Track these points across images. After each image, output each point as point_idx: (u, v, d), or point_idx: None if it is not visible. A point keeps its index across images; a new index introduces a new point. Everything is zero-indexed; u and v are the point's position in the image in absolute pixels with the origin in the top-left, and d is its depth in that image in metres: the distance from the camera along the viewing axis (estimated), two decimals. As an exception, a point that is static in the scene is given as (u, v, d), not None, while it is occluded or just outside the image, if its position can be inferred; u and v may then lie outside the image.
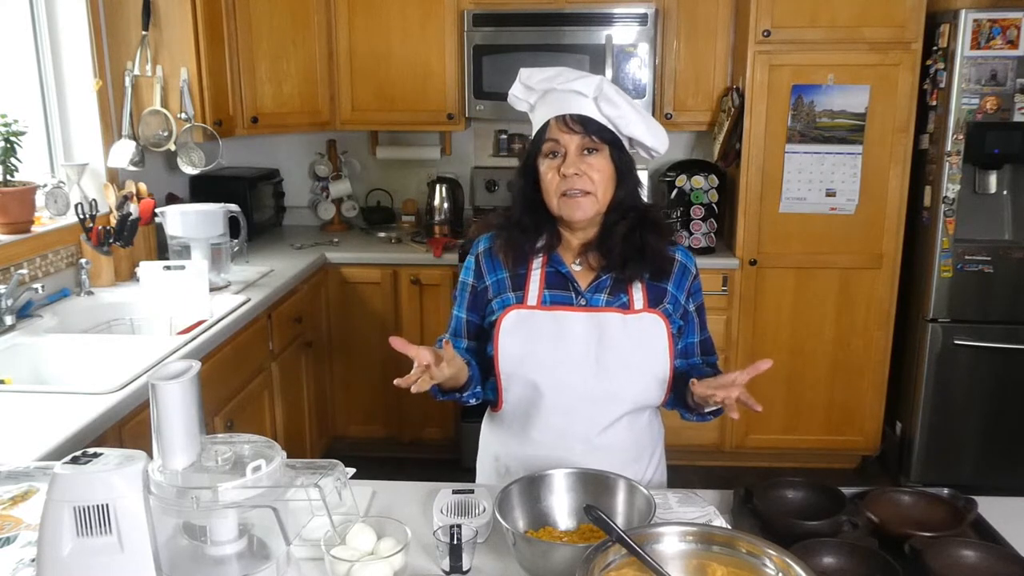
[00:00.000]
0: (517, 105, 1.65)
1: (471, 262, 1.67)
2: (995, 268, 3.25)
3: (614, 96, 1.53)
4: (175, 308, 2.64)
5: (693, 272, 1.65)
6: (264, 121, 3.49)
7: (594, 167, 1.53)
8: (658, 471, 1.71)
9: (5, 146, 2.53)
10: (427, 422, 3.60)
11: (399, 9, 3.55)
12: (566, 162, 1.52)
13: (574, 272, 1.60)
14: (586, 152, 1.53)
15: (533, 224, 1.59)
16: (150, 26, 3.02)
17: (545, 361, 1.55)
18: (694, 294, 1.65)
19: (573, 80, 1.54)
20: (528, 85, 1.60)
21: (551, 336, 1.55)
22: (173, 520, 1.07)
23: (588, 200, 1.53)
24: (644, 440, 1.65)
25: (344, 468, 1.14)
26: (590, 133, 1.52)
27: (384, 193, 4.09)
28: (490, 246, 1.65)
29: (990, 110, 3.14)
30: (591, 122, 1.52)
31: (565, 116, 1.52)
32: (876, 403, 3.53)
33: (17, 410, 1.83)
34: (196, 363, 1.06)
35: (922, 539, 1.27)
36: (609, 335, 1.54)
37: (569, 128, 1.52)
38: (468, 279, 1.67)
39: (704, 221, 3.49)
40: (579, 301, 1.57)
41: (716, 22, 3.50)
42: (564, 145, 1.53)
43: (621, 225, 1.56)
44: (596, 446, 1.57)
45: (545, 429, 1.58)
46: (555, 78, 1.56)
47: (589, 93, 1.52)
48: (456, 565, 1.24)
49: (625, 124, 1.55)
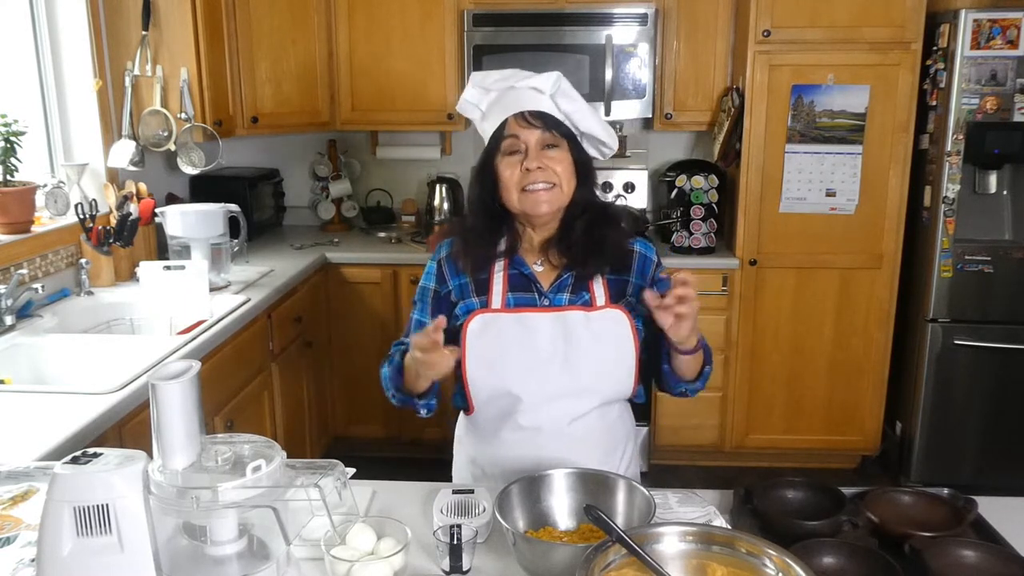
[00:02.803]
0: (468, 112, 1.65)
1: (432, 267, 1.68)
2: (995, 268, 3.25)
3: (570, 91, 1.56)
4: (175, 308, 2.64)
5: (655, 260, 1.66)
6: (264, 121, 3.48)
7: (556, 160, 1.55)
8: (632, 466, 1.72)
9: (5, 146, 2.53)
10: (427, 422, 3.56)
11: (399, 9, 3.55)
12: (528, 157, 1.54)
13: (536, 273, 1.61)
14: (546, 148, 1.55)
15: (489, 229, 1.61)
16: (150, 26, 3.02)
17: (513, 363, 1.56)
18: (659, 282, 1.64)
19: (529, 77, 1.56)
20: (483, 87, 1.61)
21: (518, 338, 1.56)
22: (173, 520, 1.07)
23: (553, 193, 1.54)
24: (616, 434, 1.67)
25: (344, 468, 1.14)
26: (550, 128, 1.54)
27: (384, 193, 4.09)
28: (451, 251, 1.66)
29: (990, 110, 3.14)
30: (550, 118, 1.54)
31: (524, 112, 1.54)
32: (876, 403, 3.53)
33: (17, 410, 1.83)
34: (196, 363, 1.06)
35: (922, 539, 1.27)
36: (574, 333, 1.56)
37: (529, 123, 1.54)
38: (430, 284, 1.68)
39: (704, 221, 3.49)
40: (542, 301, 1.59)
41: (716, 22, 3.50)
42: (524, 140, 1.54)
43: (581, 221, 1.58)
44: (568, 441, 1.58)
45: (517, 429, 1.60)
46: (511, 77, 1.59)
47: (547, 90, 1.54)
48: (456, 565, 1.24)
49: (581, 118, 1.58)
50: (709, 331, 3.51)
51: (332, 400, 3.63)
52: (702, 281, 3.40)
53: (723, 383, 3.53)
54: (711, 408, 3.56)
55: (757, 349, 3.50)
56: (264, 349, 2.87)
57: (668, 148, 3.90)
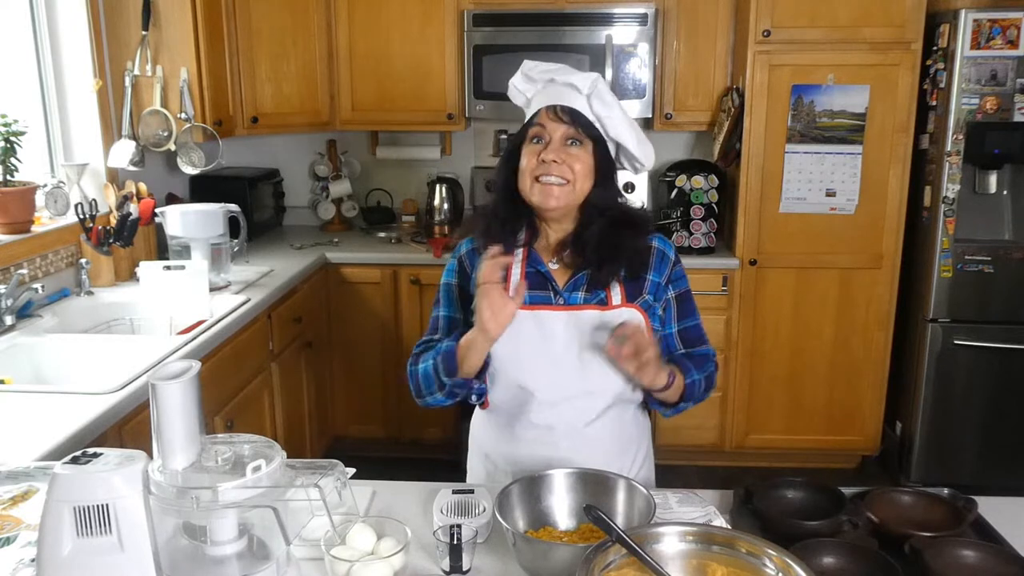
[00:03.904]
0: (515, 98, 1.66)
1: (454, 264, 1.70)
2: (995, 268, 3.25)
3: (607, 96, 1.56)
4: (175, 308, 2.64)
5: (672, 258, 1.66)
6: (264, 121, 3.49)
7: (576, 158, 1.55)
8: (644, 467, 1.73)
9: (5, 146, 2.53)
10: (427, 422, 3.59)
11: (399, 9, 3.55)
12: (548, 148, 1.54)
13: (552, 271, 1.61)
14: (570, 143, 1.55)
15: (512, 214, 1.61)
16: (150, 26, 3.02)
17: (528, 360, 1.58)
18: (675, 281, 1.65)
19: (571, 74, 1.57)
20: (530, 76, 1.62)
21: (533, 335, 1.57)
22: (173, 520, 1.07)
23: (564, 190, 1.54)
24: (629, 435, 1.67)
25: (344, 468, 1.14)
26: (576, 126, 1.54)
27: (384, 193, 4.09)
28: (473, 247, 1.67)
29: (990, 110, 3.14)
30: (580, 116, 1.55)
31: (556, 106, 1.55)
32: (876, 403, 3.53)
33: (17, 410, 1.83)
34: (196, 363, 1.06)
35: (922, 539, 1.27)
36: (589, 332, 1.56)
37: (558, 117, 1.55)
38: (452, 280, 1.69)
39: (704, 221, 3.49)
40: (557, 300, 1.59)
41: (716, 22, 3.50)
42: (550, 132, 1.55)
43: (596, 224, 1.58)
44: (581, 441, 1.59)
45: (530, 426, 1.61)
46: (556, 71, 1.59)
47: (584, 89, 1.55)
48: (456, 565, 1.24)
49: (613, 125, 1.57)
50: (709, 331, 3.45)
51: (332, 400, 3.63)
52: (702, 281, 3.41)
53: (723, 383, 3.53)
54: (711, 408, 3.56)
55: (757, 349, 3.50)
56: (264, 349, 2.87)
57: (668, 148, 3.90)
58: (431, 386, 1.59)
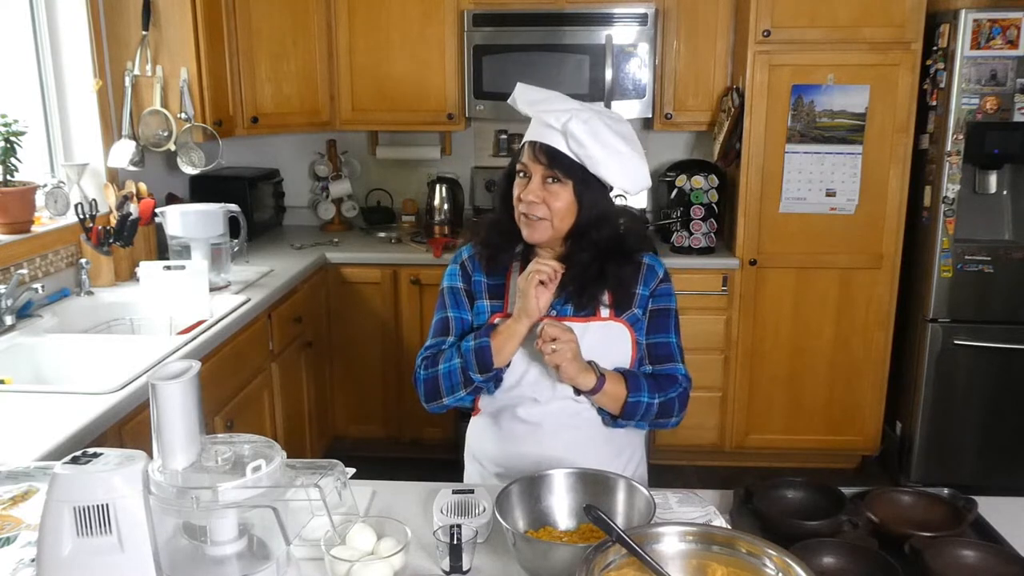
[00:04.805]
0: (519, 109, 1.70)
1: (456, 269, 1.73)
2: (995, 268, 3.25)
3: (581, 136, 1.52)
4: (175, 308, 2.64)
5: (659, 275, 1.68)
6: (264, 121, 3.49)
7: (555, 195, 1.57)
8: (639, 470, 1.75)
9: (5, 146, 2.53)
10: (427, 422, 3.59)
11: (399, 9, 3.55)
12: (527, 188, 1.58)
13: None
14: (550, 180, 1.58)
15: (511, 227, 1.65)
16: (150, 26, 3.02)
17: (518, 366, 1.63)
18: (657, 296, 1.67)
19: (548, 112, 1.56)
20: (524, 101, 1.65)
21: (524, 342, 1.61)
22: (173, 520, 1.07)
23: (543, 225, 1.59)
24: (620, 439, 1.70)
25: (344, 468, 1.14)
26: (554, 167, 1.56)
27: (384, 193, 4.09)
28: (473, 253, 1.72)
29: (990, 110, 3.14)
30: (559, 156, 1.55)
31: (536, 144, 1.57)
32: (876, 403, 3.53)
33: (17, 410, 1.83)
34: (196, 363, 1.06)
35: (922, 539, 1.27)
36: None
37: (536, 158, 1.58)
38: (455, 283, 1.73)
39: (704, 221, 3.49)
40: (549, 311, 1.62)
41: (716, 22, 3.50)
42: (531, 171, 1.59)
43: (581, 256, 1.60)
44: (569, 442, 1.63)
45: (518, 422, 1.65)
46: (540, 102, 1.61)
47: (558, 127, 1.54)
48: (456, 565, 1.24)
49: (592, 164, 1.56)
50: (709, 331, 3.53)
51: (332, 400, 3.63)
52: (702, 281, 3.41)
53: (723, 383, 3.53)
54: (711, 408, 3.56)
55: (757, 349, 3.50)
56: (264, 349, 2.87)
57: (668, 148, 3.90)
58: (455, 386, 1.62)
